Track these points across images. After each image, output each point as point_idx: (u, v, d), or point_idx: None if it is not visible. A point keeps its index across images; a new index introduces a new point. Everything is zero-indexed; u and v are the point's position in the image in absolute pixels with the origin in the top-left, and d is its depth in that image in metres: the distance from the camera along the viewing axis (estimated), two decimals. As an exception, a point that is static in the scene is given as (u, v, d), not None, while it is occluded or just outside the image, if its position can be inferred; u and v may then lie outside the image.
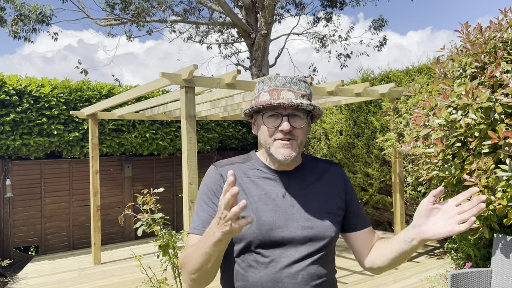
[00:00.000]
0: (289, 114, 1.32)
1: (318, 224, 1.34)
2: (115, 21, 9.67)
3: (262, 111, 1.35)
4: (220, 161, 1.47)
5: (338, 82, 4.94)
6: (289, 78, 1.36)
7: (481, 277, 3.22)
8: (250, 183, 1.37)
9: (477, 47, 3.18)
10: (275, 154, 1.33)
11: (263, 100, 1.34)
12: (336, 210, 1.41)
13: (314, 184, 1.42)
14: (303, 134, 1.36)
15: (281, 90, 1.33)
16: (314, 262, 1.31)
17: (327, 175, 1.47)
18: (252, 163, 1.43)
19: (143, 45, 44.93)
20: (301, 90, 1.36)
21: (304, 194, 1.38)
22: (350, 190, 1.49)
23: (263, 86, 1.38)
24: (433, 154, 3.14)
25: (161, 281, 3.41)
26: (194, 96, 4.01)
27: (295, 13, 11.69)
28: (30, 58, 37.99)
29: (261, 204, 1.32)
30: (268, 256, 1.29)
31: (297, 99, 1.32)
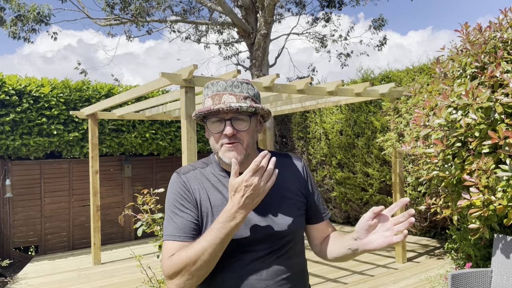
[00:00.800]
0: (232, 118, 1.33)
1: (279, 221, 1.36)
2: (114, 21, 9.67)
3: (206, 116, 1.37)
4: (182, 168, 1.49)
5: (338, 82, 4.94)
6: (230, 81, 1.36)
7: (481, 277, 3.21)
8: (212, 188, 1.39)
9: (477, 47, 3.18)
10: (223, 158, 1.35)
11: (206, 105, 1.37)
12: (297, 203, 1.43)
13: (276, 181, 1.42)
14: (249, 136, 1.36)
15: (222, 95, 1.34)
16: (278, 257, 1.34)
17: (285, 169, 1.47)
18: (211, 168, 1.45)
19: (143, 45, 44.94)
20: (243, 92, 1.36)
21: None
22: (310, 182, 1.50)
23: (207, 91, 1.39)
24: (433, 154, 3.14)
25: (161, 281, 3.41)
26: (194, 96, 4.00)
27: (295, 13, 11.69)
28: (30, 58, 38.01)
29: (223, 207, 1.32)
30: (233, 257, 1.32)
31: (238, 102, 1.33)
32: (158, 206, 3.50)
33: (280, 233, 1.35)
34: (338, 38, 11.82)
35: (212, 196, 1.37)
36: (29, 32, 9.07)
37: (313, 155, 8.71)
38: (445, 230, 6.87)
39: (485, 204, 2.73)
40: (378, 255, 6.13)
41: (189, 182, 1.39)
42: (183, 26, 11.84)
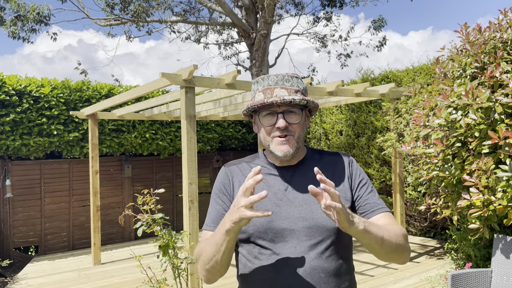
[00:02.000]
0: (284, 111, 1.35)
1: (320, 215, 1.33)
2: (115, 21, 9.67)
3: (258, 110, 1.40)
4: (230, 162, 1.54)
5: (338, 82, 4.94)
6: (281, 75, 1.39)
7: (481, 278, 3.21)
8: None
9: (476, 47, 3.18)
10: (274, 151, 1.37)
11: (257, 100, 1.39)
12: (344, 200, 1.38)
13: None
14: (300, 128, 1.39)
15: (274, 89, 1.37)
16: (318, 254, 1.30)
17: (331, 167, 1.46)
18: (258, 161, 1.49)
19: (143, 45, 44.93)
20: (294, 86, 1.39)
21: (307, 187, 1.34)
22: (355, 177, 1.45)
23: (258, 86, 1.42)
24: (433, 154, 3.14)
25: (161, 281, 3.41)
26: (194, 96, 4.00)
27: (294, 13, 11.69)
28: (30, 58, 38.00)
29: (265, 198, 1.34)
30: (270, 249, 1.32)
31: (290, 96, 1.36)
32: (158, 206, 3.50)
33: (319, 228, 1.32)
34: (338, 38, 11.82)
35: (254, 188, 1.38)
36: (29, 32, 9.07)
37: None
38: (445, 230, 6.87)
39: (485, 204, 2.73)
40: (378, 255, 6.13)
41: (232, 174, 1.46)
42: (183, 27, 11.85)
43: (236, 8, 10.13)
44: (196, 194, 3.95)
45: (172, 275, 3.35)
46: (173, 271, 3.32)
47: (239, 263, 1.43)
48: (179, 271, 3.32)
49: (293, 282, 1.27)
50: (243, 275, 1.39)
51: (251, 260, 1.35)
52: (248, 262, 1.36)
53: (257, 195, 1.10)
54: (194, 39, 12.04)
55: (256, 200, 1.11)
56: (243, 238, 1.37)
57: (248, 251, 1.37)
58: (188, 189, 3.87)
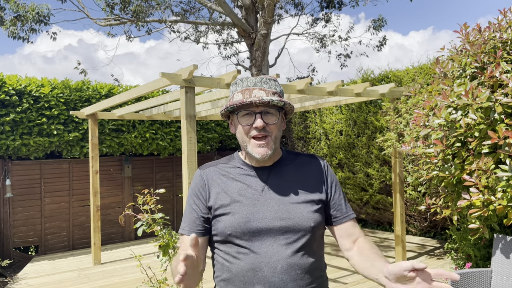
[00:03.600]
0: (262, 112, 1.40)
1: (296, 215, 1.39)
2: (114, 21, 9.67)
3: (236, 110, 1.44)
4: (206, 164, 1.58)
5: (338, 82, 4.94)
6: (259, 78, 1.44)
7: (481, 277, 3.22)
8: (232, 181, 1.46)
9: (476, 47, 3.18)
10: (252, 153, 1.41)
11: (236, 100, 1.43)
12: (316, 201, 1.45)
13: (293, 176, 1.48)
14: (277, 129, 1.44)
15: (252, 89, 1.42)
16: (293, 252, 1.36)
17: (307, 167, 1.52)
18: (234, 163, 1.52)
19: (143, 45, 44.93)
20: (272, 88, 1.44)
21: (283, 187, 1.44)
22: (331, 181, 1.52)
23: (236, 87, 1.46)
24: (433, 154, 3.14)
25: (161, 281, 3.41)
26: (194, 96, 4.00)
27: (294, 13, 11.69)
28: (30, 58, 37.99)
29: (240, 198, 1.41)
30: (248, 248, 1.37)
31: (268, 97, 1.40)
32: (158, 206, 3.50)
33: (295, 227, 1.38)
34: (337, 38, 11.82)
35: (231, 187, 1.44)
36: (29, 32, 9.07)
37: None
38: (445, 230, 6.87)
39: (485, 204, 2.73)
40: (378, 255, 6.13)
41: (207, 177, 1.50)
42: (183, 26, 11.85)
43: (236, 8, 10.13)
44: (196, 194, 3.95)
45: (172, 275, 3.35)
46: (173, 271, 3.32)
47: (215, 263, 1.47)
48: (179, 271, 3.32)
49: (272, 278, 1.33)
50: (220, 275, 1.43)
51: (229, 260, 1.40)
52: (225, 262, 1.41)
53: (177, 277, 1.08)
54: (193, 39, 12.04)
55: (180, 271, 1.08)
56: (220, 239, 1.42)
57: (225, 251, 1.41)
58: (188, 189, 3.87)
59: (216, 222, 1.42)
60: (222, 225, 1.40)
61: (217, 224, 1.42)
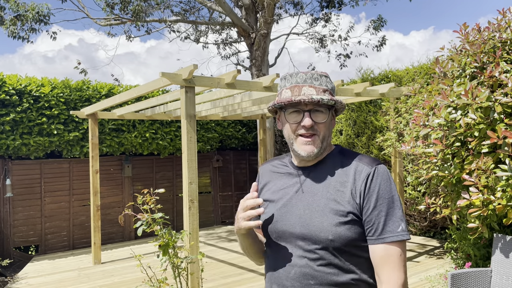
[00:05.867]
0: (311, 110, 1.34)
1: (315, 224, 1.29)
2: (115, 21, 9.67)
3: (284, 107, 1.38)
4: (268, 160, 1.63)
5: (338, 82, 4.94)
6: (310, 74, 1.37)
7: (481, 277, 3.22)
8: (277, 177, 1.48)
9: (476, 47, 3.19)
10: (297, 150, 1.36)
11: (285, 97, 1.37)
12: (344, 212, 1.28)
13: (329, 182, 1.34)
14: (326, 128, 1.36)
15: (302, 86, 1.35)
16: (310, 261, 1.29)
17: (347, 174, 1.34)
18: (285, 159, 1.51)
19: (144, 45, 44.94)
20: (322, 85, 1.37)
21: (315, 191, 1.35)
22: (370, 194, 1.29)
23: (285, 83, 1.40)
24: (432, 153, 3.15)
25: (161, 281, 3.41)
26: (194, 96, 4.01)
27: (293, 13, 11.69)
28: (30, 57, 37.99)
29: (277, 197, 1.42)
30: (273, 248, 1.40)
31: (318, 95, 1.33)
32: (158, 206, 3.51)
33: (312, 237, 1.29)
34: (337, 38, 11.82)
35: (274, 185, 1.47)
36: (29, 32, 9.06)
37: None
38: (444, 229, 6.88)
39: (485, 203, 2.74)
40: (378, 255, 6.14)
41: (262, 174, 1.55)
42: (183, 26, 11.85)
43: (236, 7, 10.13)
44: (196, 194, 3.96)
45: (172, 274, 3.35)
46: (173, 271, 3.33)
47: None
48: (179, 270, 3.32)
49: (285, 282, 1.34)
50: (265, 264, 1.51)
51: (267, 255, 1.47)
52: (265, 258, 1.49)
53: (255, 211, 1.30)
54: (193, 39, 12.04)
55: (253, 214, 1.30)
56: (265, 235, 1.46)
57: (267, 245, 1.47)
58: (188, 189, 3.88)
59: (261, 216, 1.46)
60: (263, 218, 1.43)
61: (261, 217, 1.46)
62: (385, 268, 1.25)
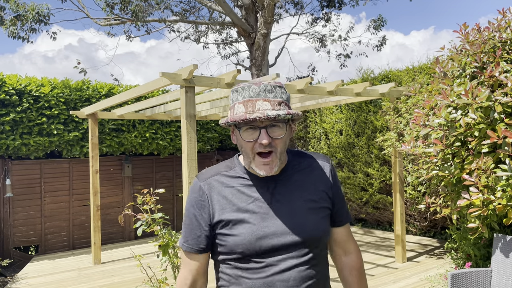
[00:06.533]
0: (267, 126, 1.27)
1: (307, 227, 1.33)
2: (114, 20, 9.67)
3: (238, 125, 1.30)
4: (204, 172, 1.43)
5: (338, 81, 4.94)
6: (263, 86, 1.29)
7: (481, 277, 3.22)
8: (236, 192, 1.35)
9: (476, 47, 3.19)
10: (256, 169, 1.31)
11: (237, 112, 1.29)
12: (325, 208, 1.40)
13: (301, 184, 1.39)
14: (283, 143, 1.31)
15: (256, 101, 1.27)
16: (305, 264, 1.32)
17: (314, 172, 1.43)
18: (236, 171, 1.40)
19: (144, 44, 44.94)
20: (277, 97, 1.29)
21: (291, 197, 1.36)
22: (335, 186, 1.46)
23: (237, 96, 1.31)
24: (433, 153, 3.15)
25: (161, 281, 3.41)
26: (194, 95, 4.01)
27: (294, 13, 11.69)
28: (30, 57, 37.98)
29: (249, 213, 1.32)
30: (260, 262, 1.30)
31: (274, 109, 1.26)
32: (158, 206, 3.51)
33: (307, 239, 1.33)
34: (337, 38, 11.82)
35: (237, 201, 1.34)
36: (29, 32, 9.06)
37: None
38: (445, 229, 6.87)
39: (485, 203, 2.73)
40: (378, 255, 6.14)
41: (209, 190, 1.36)
42: (183, 26, 11.85)
43: (236, 7, 10.13)
44: (196, 194, 3.95)
45: (172, 274, 3.35)
46: (173, 271, 3.33)
47: (221, 278, 1.40)
48: (179, 270, 3.32)
49: None
50: (234, 283, 1.36)
51: (238, 274, 1.33)
52: (234, 278, 1.34)
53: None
54: (193, 39, 12.04)
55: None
56: (230, 257, 1.34)
57: (234, 266, 1.34)
58: (188, 189, 3.87)
59: (223, 239, 1.34)
60: (231, 243, 1.31)
61: (225, 241, 1.33)
62: (351, 240, 1.51)
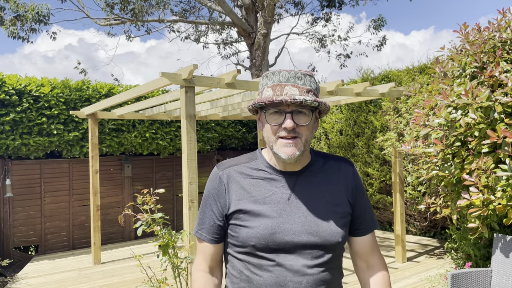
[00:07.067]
0: (293, 111, 1.26)
1: (324, 229, 1.29)
2: (114, 20, 9.67)
3: (264, 107, 1.30)
4: (225, 162, 1.41)
5: (338, 81, 4.94)
6: (293, 72, 1.29)
7: (481, 277, 3.22)
8: (255, 184, 1.33)
9: (476, 47, 3.19)
10: (278, 152, 1.28)
11: (265, 96, 1.29)
12: (345, 213, 1.35)
13: (322, 185, 1.36)
14: (308, 131, 1.29)
15: (284, 86, 1.27)
16: (319, 267, 1.28)
17: (336, 175, 1.40)
18: (257, 163, 1.38)
19: (144, 44, 44.95)
20: (306, 84, 1.29)
21: (311, 196, 1.33)
22: (358, 191, 1.41)
23: (267, 80, 1.31)
24: (433, 153, 3.14)
25: (161, 281, 3.41)
26: (194, 95, 4.00)
27: (294, 13, 11.69)
28: (30, 57, 37.98)
29: (266, 206, 1.29)
30: (273, 260, 1.27)
31: (301, 95, 1.26)
32: (158, 206, 3.51)
33: (324, 242, 1.29)
34: (337, 38, 11.82)
35: (255, 192, 1.31)
36: (29, 32, 9.06)
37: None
38: (445, 229, 6.87)
39: (485, 203, 2.73)
40: (378, 255, 6.14)
41: (228, 179, 1.35)
42: (183, 26, 11.85)
43: (236, 7, 10.13)
44: (196, 194, 3.96)
45: (172, 274, 3.35)
46: (173, 271, 3.33)
47: (230, 273, 1.37)
48: (179, 270, 3.32)
49: None
50: (239, 284, 1.32)
51: (249, 271, 1.30)
52: (244, 273, 1.31)
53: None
54: (193, 39, 12.05)
55: None
56: (240, 249, 1.31)
57: (245, 261, 1.30)
58: (188, 189, 3.88)
59: (237, 230, 1.30)
60: (244, 234, 1.28)
61: (238, 232, 1.30)
62: (375, 253, 1.45)
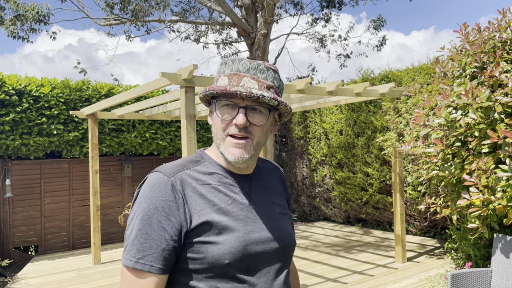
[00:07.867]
0: (247, 106, 1.08)
1: (284, 233, 1.18)
2: (114, 20, 9.67)
3: (216, 97, 1.12)
4: (167, 166, 1.13)
5: (338, 82, 4.94)
6: (256, 63, 1.12)
7: (481, 277, 3.22)
8: (213, 191, 1.11)
9: (476, 47, 3.19)
10: (224, 153, 1.11)
11: (219, 84, 1.11)
12: (289, 215, 1.30)
13: (269, 188, 1.26)
14: (262, 133, 1.11)
15: (243, 77, 1.09)
16: (284, 275, 1.17)
17: (276, 176, 1.33)
18: (206, 166, 1.16)
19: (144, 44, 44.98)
20: (268, 80, 1.12)
21: (265, 200, 1.21)
22: (287, 193, 1.37)
23: (225, 68, 1.13)
24: (433, 153, 3.14)
25: (161, 281, 3.42)
26: (194, 96, 4.00)
27: (294, 13, 11.69)
28: (30, 57, 37.99)
29: (231, 216, 1.09)
30: (245, 280, 1.07)
31: (260, 90, 1.08)
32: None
33: (287, 247, 1.19)
34: (337, 38, 11.82)
35: (216, 201, 1.10)
36: (29, 32, 9.06)
37: (313, 155, 8.71)
38: (445, 229, 6.87)
39: (485, 203, 2.73)
40: (378, 255, 6.13)
41: (183, 187, 1.08)
42: (183, 26, 11.85)
43: (235, 7, 10.13)
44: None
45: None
46: (173, 271, 3.33)
47: None
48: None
49: None
50: None
51: None
52: None
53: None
54: (193, 39, 12.05)
55: None
56: (207, 276, 1.05)
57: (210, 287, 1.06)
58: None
59: (202, 250, 1.04)
60: (215, 252, 1.03)
61: (204, 252, 1.04)
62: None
